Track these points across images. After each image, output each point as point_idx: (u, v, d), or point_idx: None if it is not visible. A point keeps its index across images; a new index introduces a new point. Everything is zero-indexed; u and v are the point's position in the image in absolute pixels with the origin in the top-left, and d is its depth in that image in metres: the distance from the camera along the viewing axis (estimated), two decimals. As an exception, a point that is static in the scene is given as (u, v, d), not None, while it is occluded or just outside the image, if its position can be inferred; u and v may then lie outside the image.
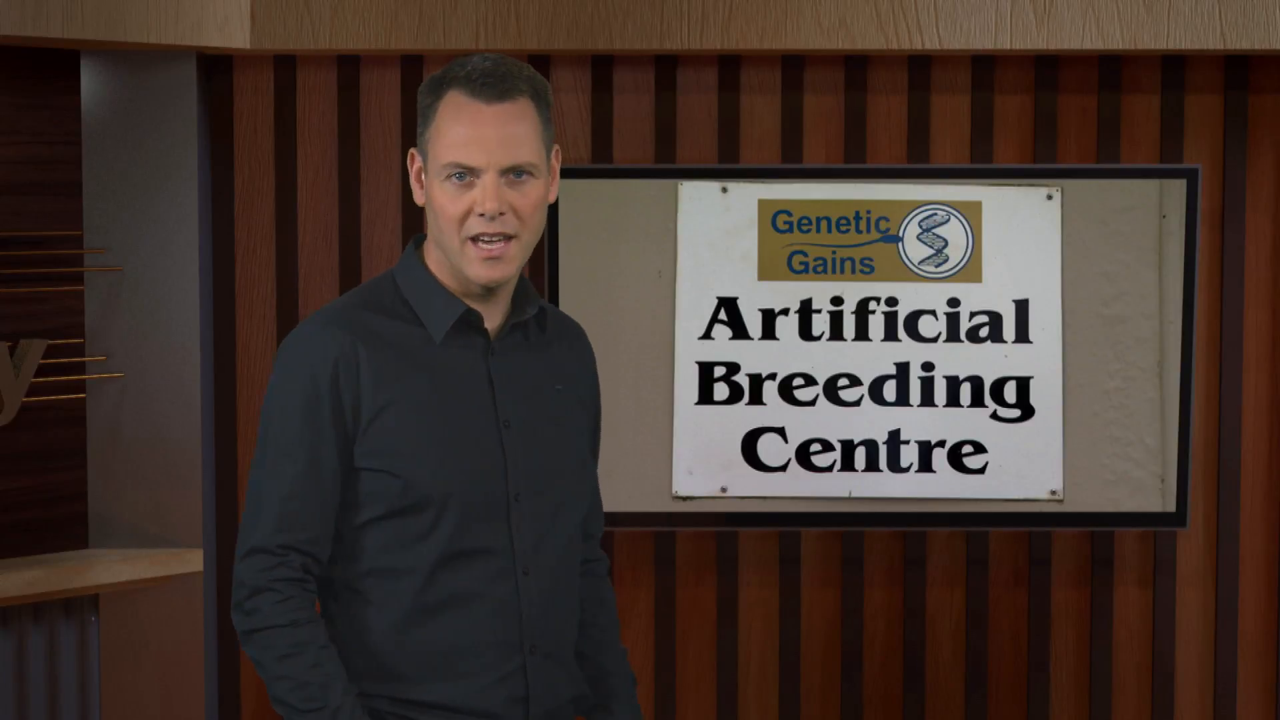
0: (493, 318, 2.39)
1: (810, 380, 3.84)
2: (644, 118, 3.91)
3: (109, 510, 3.77)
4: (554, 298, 3.77)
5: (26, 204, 3.67)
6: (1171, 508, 3.83)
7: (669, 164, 3.87)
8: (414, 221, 3.90)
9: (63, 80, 3.70)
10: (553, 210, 3.75)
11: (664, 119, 3.90)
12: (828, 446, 3.85)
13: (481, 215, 2.28)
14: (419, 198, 2.36)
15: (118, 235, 3.74)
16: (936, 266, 3.83)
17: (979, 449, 3.85)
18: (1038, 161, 3.89)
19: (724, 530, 3.92)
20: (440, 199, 2.31)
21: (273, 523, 2.30)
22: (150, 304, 3.77)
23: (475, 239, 2.30)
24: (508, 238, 2.30)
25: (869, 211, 3.82)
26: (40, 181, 3.69)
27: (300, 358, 2.32)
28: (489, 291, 2.36)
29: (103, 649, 3.76)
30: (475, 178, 2.29)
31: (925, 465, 3.85)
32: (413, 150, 2.38)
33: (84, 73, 3.71)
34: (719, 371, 3.84)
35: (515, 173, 2.30)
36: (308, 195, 3.91)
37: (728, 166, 3.85)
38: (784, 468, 3.84)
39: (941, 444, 3.84)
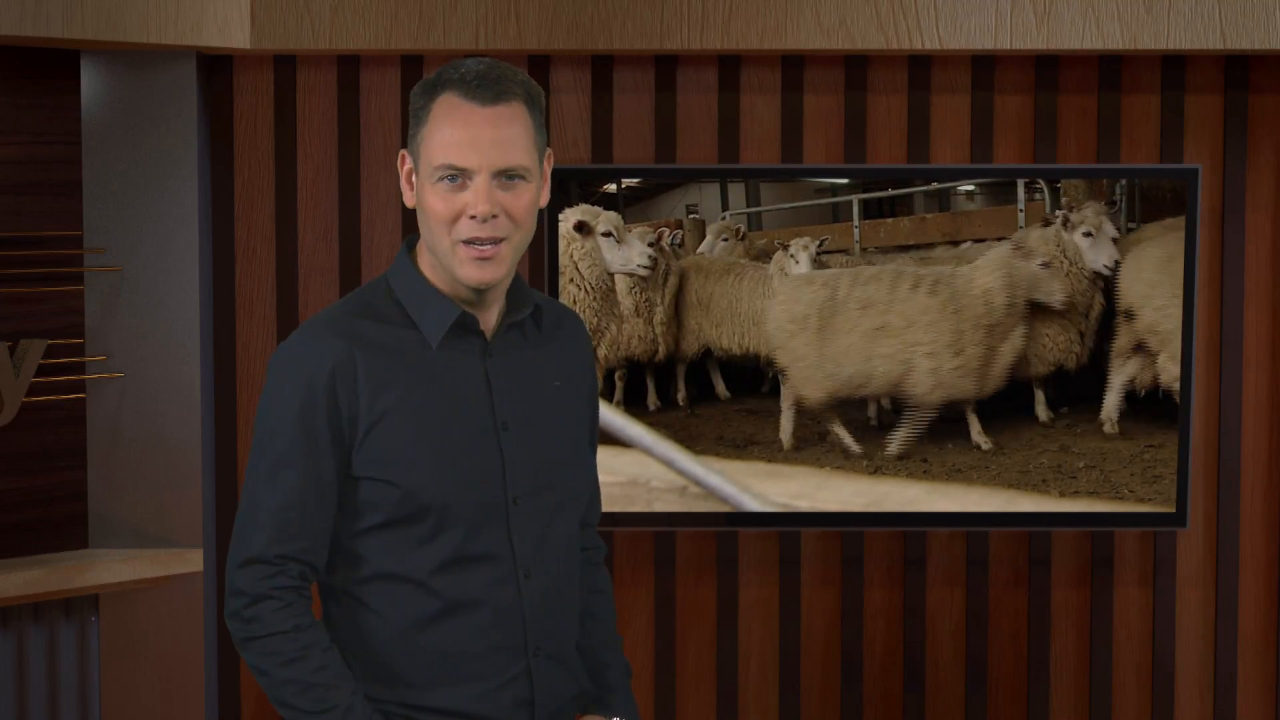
0: (488, 318, 2.38)
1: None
2: (644, 118, 3.91)
3: (109, 510, 3.77)
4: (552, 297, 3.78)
5: (26, 204, 3.67)
6: (1171, 508, 3.83)
7: (669, 164, 3.87)
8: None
9: (63, 80, 3.70)
10: (554, 212, 3.75)
11: (664, 119, 3.90)
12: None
13: (473, 218, 2.27)
14: (408, 199, 2.36)
15: (118, 235, 3.74)
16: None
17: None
18: (1038, 161, 3.89)
19: (724, 530, 3.92)
20: (431, 200, 2.30)
21: (269, 533, 2.29)
22: (150, 304, 3.76)
23: (468, 241, 2.29)
24: (498, 241, 2.29)
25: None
26: (40, 181, 3.68)
27: (296, 366, 2.31)
28: (481, 293, 2.35)
29: (103, 649, 3.76)
30: (468, 180, 2.28)
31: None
32: (403, 151, 2.37)
33: (84, 73, 3.71)
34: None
35: (507, 175, 2.28)
36: (308, 195, 3.90)
37: (728, 166, 3.85)
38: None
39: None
